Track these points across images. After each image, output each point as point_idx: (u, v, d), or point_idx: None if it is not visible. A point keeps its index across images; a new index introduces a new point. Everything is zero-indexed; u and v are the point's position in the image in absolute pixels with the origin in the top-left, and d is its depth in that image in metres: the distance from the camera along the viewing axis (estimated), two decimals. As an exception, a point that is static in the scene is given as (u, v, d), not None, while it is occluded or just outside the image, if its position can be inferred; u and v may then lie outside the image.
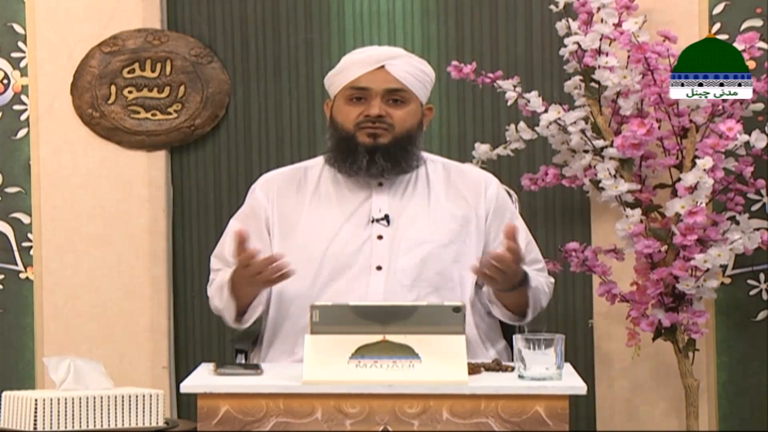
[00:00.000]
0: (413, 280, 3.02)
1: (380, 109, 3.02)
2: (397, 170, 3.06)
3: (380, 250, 3.03)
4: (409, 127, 3.05)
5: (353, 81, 3.04)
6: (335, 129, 3.08)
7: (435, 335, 2.52)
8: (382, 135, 3.02)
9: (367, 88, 3.03)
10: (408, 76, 3.05)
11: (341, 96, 3.07)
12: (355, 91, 3.04)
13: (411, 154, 3.07)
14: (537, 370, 2.52)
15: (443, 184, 3.12)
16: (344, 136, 3.05)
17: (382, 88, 3.03)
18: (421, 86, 3.08)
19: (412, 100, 3.06)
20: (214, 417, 2.50)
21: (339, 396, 2.48)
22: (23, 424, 3.05)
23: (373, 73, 3.03)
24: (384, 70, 3.04)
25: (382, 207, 3.06)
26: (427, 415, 2.48)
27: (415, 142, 3.08)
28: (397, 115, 3.04)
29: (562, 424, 2.47)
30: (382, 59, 3.04)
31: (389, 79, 3.04)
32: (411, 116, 3.06)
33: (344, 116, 3.05)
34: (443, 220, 3.07)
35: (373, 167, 3.03)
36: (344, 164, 3.05)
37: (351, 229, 3.05)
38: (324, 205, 3.09)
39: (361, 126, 3.03)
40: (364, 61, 3.05)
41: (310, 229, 3.06)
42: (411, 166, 3.08)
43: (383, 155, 3.03)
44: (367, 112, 3.02)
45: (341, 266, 3.02)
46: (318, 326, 2.55)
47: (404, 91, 3.04)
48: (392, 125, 3.03)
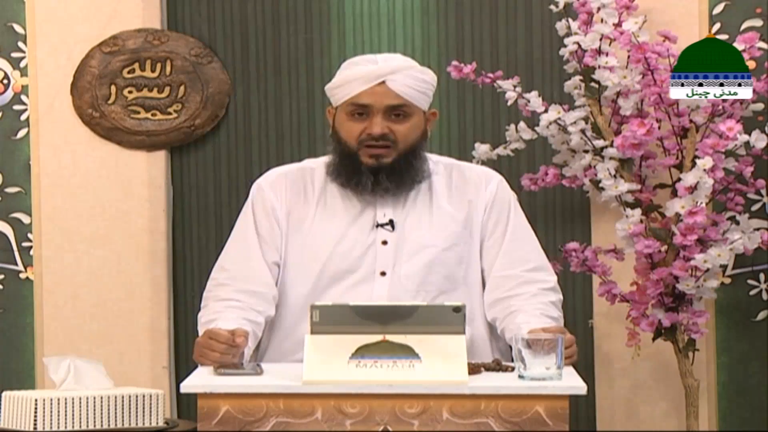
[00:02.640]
0: (418, 285, 3.00)
1: (382, 128, 2.98)
2: (401, 186, 3.03)
3: (384, 255, 3.02)
4: (412, 141, 3.02)
5: (354, 97, 3.00)
6: (338, 143, 3.05)
7: (435, 335, 2.52)
8: (385, 155, 2.99)
9: (368, 105, 2.98)
10: (409, 90, 2.99)
11: (342, 110, 3.03)
12: (357, 107, 3.00)
13: (416, 167, 3.03)
14: (537, 370, 2.52)
15: (445, 187, 3.10)
16: (347, 153, 3.02)
17: (383, 105, 2.98)
18: (423, 96, 3.03)
19: (414, 113, 3.02)
20: (214, 417, 2.50)
21: (339, 396, 2.48)
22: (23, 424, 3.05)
23: (373, 90, 2.98)
24: (384, 85, 2.98)
25: (386, 212, 3.05)
26: (427, 415, 2.48)
27: (419, 155, 3.04)
28: (400, 131, 3.00)
29: (562, 424, 2.47)
30: (382, 74, 2.98)
31: (390, 94, 2.98)
32: (414, 130, 3.02)
33: (347, 132, 3.02)
34: (445, 223, 3.05)
35: (378, 187, 3.01)
36: (349, 182, 3.03)
37: (355, 234, 3.03)
38: (329, 209, 3.06)
39: (365, 144, 3.00)
40: (365, 77, 2.99)
41: (315, 232, 3.05)
42: (416, 179, 3.04)
43: (387, 175, 3.00)
44: (369, 131, 2.98)
45: (344, 271, 3.01)
46: (318, 326, 2.54)
47: (406, 105, 3.00)
48: (395, 142, 2.99)
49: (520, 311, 2.95)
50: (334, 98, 3.06)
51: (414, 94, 3.00)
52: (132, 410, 3.11)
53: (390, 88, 2.98)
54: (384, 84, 2.98)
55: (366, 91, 2.98)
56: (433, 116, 3.10)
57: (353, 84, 3.00)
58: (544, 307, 2.97)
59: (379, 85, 2.98)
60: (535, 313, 2.93)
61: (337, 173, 3.05)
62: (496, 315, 3.01)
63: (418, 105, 3.02)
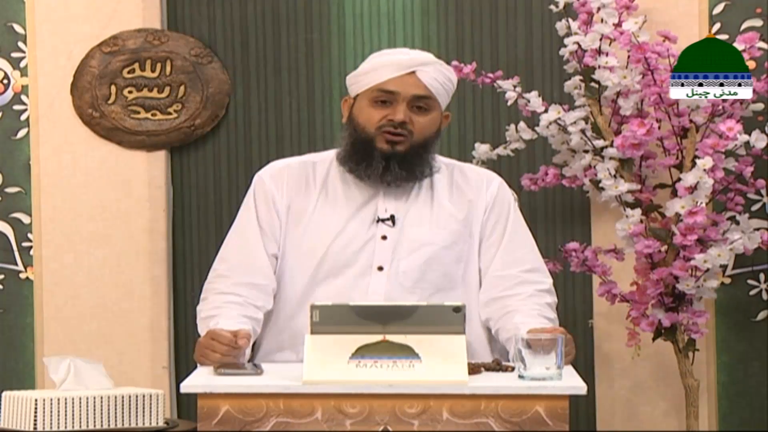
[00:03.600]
0: (415, 281, 3.01)
1: (405, 116, 3.00)
2: (410, 177, 3.05)
3: (383, 250, 3.03)
4: (428, 134, 3.04)
5: (382, 83, 3.01)
6: (354, 129, 3.05)
7: (435, 335, 2.52)
8: (400, 142, 3.01)
9: (395, 92, 3.00)
10: (436, 84, 3.03)
11: (365, 96, 3.04)
12: (382, 94, 3.02)
13: (425, 161, 3.05)
14: (537, 370, 2.52)
15: (446, 186, 3.11)
16: (363, 138, 3.03)
17: (409, 94, 3.01)
18: (446, 94, 3.07)
19: (435, 107, 3.04)
20: (214, 417, 2.50)
21: (339, 396, 2.48)
22: (23, 424, 3.05)
23: (402, 78, 3.01)
24: (414, 75, 3.01)
25: (388, 207, 3.06)
26: (427, 415, 2.48)
27: (430, 150, 3.06)
28: (419, 123, 3.02)
29: (562, 424, 2.47)
30: (413, 65, 3.02)
31: (419, 85, 3.01)
32: (432, 124, 3.05)
33: (366, 118, 3.03)
34: (446, 222, 3.06)
35: (387, 174, 3.02)
36: (358, 167, 3.04)
37: (355, 228, 3.04)
38: (331, 203, 3.07)
39: (383, 130, 3.01)
40: (396, 64, 3.02)
41: (315, 225, 3.05)
42: (424, 173, 3.06)
43: (399, 163, 3.01)
44: (391, 117, 3.00)
45: (341, 264, 3.02)
46: (318, 326, 2.54)
47: (430, 98, 3.03)
48: (412, 132, 3.01)
49: (517, 311, 2.95)
50: (357, 85, 3.07)
51: (440, 88, 3.04)
52: (132, 410, 3.10)
53: (420, 78, 3.01)
54: (414, 74, 3.02)
55: (395, 78, 3.01)
56: (447, 119, 3.13)
57: (383, 70, 3.02)
58: (541, 308, 2.98)
59: (409, 74, 3.02)
60: (532, 314, 2.94)
61: (347, 158, 3.06)
62: (491, 315, 3.02)
63: (440, 101, 3.06)
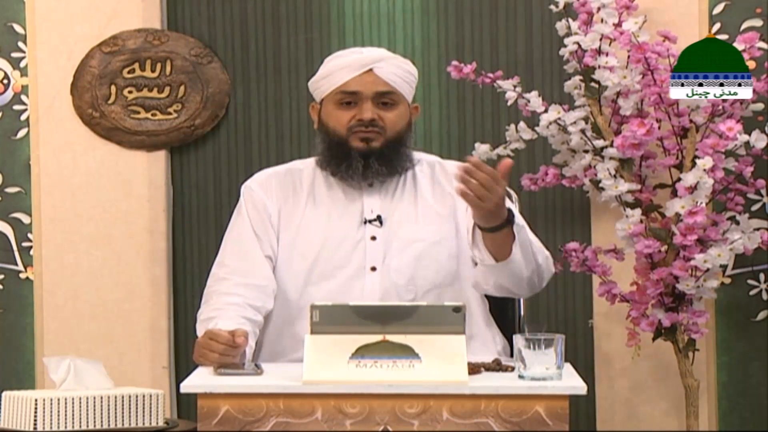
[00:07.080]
0: (408, 279, 3.02)
1: (372, 113, 3.03)
2: (391, 172, 3.07)
3: (374, 251, 3.04)
4: (399, 129, 3.07)
5: (342, 86, 3.04)
6: (326, 133, 3.09)
7: (435, 335, 2.52)
8: (374, 139, 3.04)
9: (357, 92, 3.03)
10: (396, 78, 3.06)
11: (330, 100, 3.07)
12: (346, 95, 3.05)
13: (403, 155, 3.08)
14: (537, 370, 2.52)
15: (429, 183, 3.13)
16: (337, 141, 3.06)
17: (372, 91, 3.03)
18: (408, 87, 3.10)
19: (401, 101, 3.07)
20: (214, 417, 2.50)
21: (339, 396, 2.48)
22: (23, 424, 3.05)
23: (361, 77, 3.04)
24: (372, 73, 3.04)
25: (373, 208, 3.08)
26: (427, 415, 2.48)
27: (405, 143, 3.09)
28: (389, 118, 3.05)
29: (562, 424, 2.47)
30: (369, 63, 3.04)
31: (378, 81, 3.04)
32: (401, 118, 3.07)
33: (336, 120, 3.06)
34: (431, 218, 3.08)
35: (368, 171, 3.04)
36: (338, 168, 3.06)
37: (344, 230, 3.06)
38: (318, 207, 3.10)
39: (354, 130, 3.04)
40: (352, 65, 3.05)
41: (304, 230, 3.07)
42: (403, 167, 3.09)
43: (377, 159, 3.04)
44: (359, 117, 3.03)
45: (334, 267, 3.03)
46: (318, 326, 2.54)
47: (394, 93, 3.05)
48: (384, 128, 3.04)
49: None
50: (319, 90, 3.11)
51: (400, 82, 3.06)
52: (132, 410, 3.10)
53: (378, 75, 3.04)
54: (371, 72, 3.04)
55: (354, 78, 3.04)
56: (416, 110, 3.16)
57: (341, 73, 3.05)
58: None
59: (366, 72, 3.04)
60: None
61: (326, 163, 3.09)
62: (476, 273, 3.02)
63: (404, 94, 3.08)
